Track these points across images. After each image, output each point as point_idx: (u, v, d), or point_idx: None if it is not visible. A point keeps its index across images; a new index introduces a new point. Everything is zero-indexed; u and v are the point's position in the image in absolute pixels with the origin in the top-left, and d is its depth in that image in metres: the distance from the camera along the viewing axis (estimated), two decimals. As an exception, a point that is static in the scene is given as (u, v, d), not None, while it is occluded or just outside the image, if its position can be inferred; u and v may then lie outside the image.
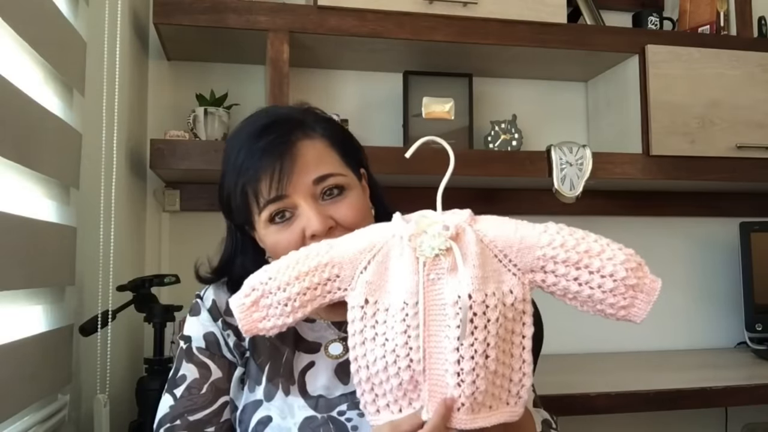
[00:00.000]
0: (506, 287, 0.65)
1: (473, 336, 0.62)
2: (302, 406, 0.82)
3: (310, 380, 0.84)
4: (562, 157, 1.58)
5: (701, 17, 1.83)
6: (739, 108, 1.67)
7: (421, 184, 1.68)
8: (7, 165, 0.91)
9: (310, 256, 0.69)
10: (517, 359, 0.66)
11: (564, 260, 0.65)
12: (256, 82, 1.71)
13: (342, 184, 0.82)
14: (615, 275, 0.63)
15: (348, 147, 0.87)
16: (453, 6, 1.53)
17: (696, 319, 1.96)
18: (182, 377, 0.85)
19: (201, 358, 0.86)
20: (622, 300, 0.64)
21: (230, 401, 0.85)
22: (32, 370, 0.98)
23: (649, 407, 1.40)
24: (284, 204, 0.79)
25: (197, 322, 0.88)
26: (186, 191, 1.64)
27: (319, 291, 0.68)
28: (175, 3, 1.42)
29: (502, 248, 0.66)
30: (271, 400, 0.83)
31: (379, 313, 0.66)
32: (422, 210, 0.70)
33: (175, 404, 0.83)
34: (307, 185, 0.80)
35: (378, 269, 0.67)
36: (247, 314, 0.69)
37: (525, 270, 0.66)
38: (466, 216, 0.67)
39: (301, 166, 0.80)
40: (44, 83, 1.07)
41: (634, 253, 0.65)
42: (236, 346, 0.87)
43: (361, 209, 0.83)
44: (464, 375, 0.62)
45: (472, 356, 0.62)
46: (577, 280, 0.65)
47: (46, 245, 1.04)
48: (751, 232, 1.85)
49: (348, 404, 0.82)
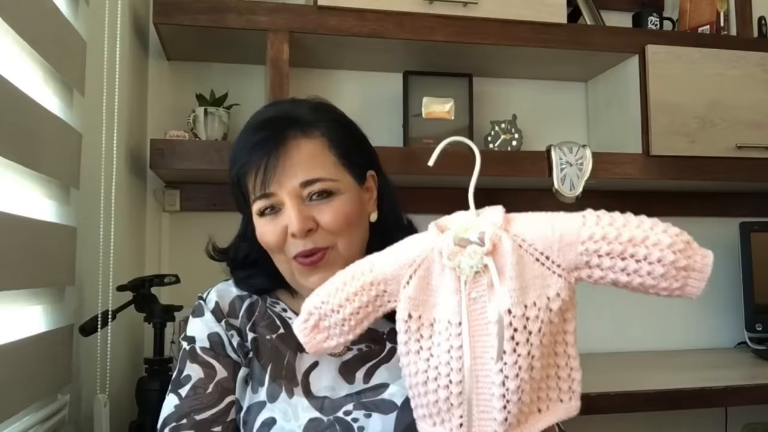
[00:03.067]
0: (552, 291, 0.62)
1: (516, 353, 0.61)
2: (306, 407, 0.81)
3: (315, 381, 0.84)
4: (562, 157, 1.58)
5: (701, 17, 1.83)
6: (739, 108, 1.67)
7: (421, 184, 1.68)
8: (7, 165, 0.91)
9: (355, 276, 0.69)
10: (562, 356, 0.64)
11: (608, 252, 0.62)
12: (256, 82, 1.71)
13: (330, 189, 0.81)
14: (663, 260, 0.61)
15: (352, 149, 0.86)
16: (453, 6, 1.53)
17: (696, 319, 1.96)
18: (187, 377, 0.84)
19: (205, 358, 0.86)
20: (675, 282, 0.62)
21: (236, 401, 0.85)
22: (32, 370, 0.98)
23: (649, 407, 1.40)
24: (271, 201, 0.81)
25: (201, 323, 0.88)
26: (186, 191, 1.64)
27: (371, 308, 0.69)
28: (175, 3, 1.42)
29: (543, 250, 0.63)
30: (274, 402, 0.82)
31: (423, 327, 0.66)
32: (455, 212, 0.69)
33: (181, 404, 0.83)
34: (294, 186, 0.80)
35: (420, 284, 0.66)
36: (311, 337, 0.71)
37: (569, 269, 0.63)
38: (500, 220, 0.65)
39: (289, 166, 0.80)
40: (44, 83, 1.07)
41: (680, 232, 0.63)
42: (240, 347, 0.87)
43: (347, 215, 0.82)
44: (510, 395, 0.61)
45: (517, 374, 0.61)
46: (624, 271, 0.62)
47: (46, 245, 1.04)
48: (751, 232, 1.85)
49: (354, 404, 0.81)
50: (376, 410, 0.80)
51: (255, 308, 0.90)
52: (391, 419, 0.80)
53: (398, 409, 0.80)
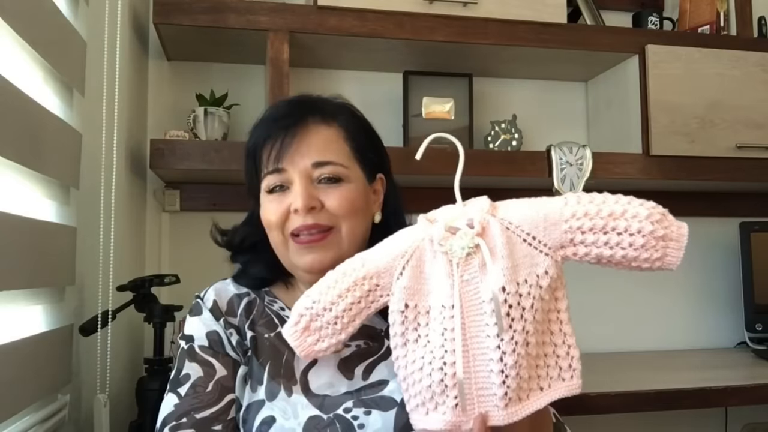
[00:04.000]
0: (541, 269, 0.66)
1: (512, 329, 0.64)
2: (306, 405, 0.81)
3: (314, 378, 0.84)
4: (562, 157, 1.58)
5: (701, 17, 1.83)
6: (739, 108, 1.67)
7: (422, 184, 1.68)
8: (7, 165, 0.91)
9: (346, 273, 0.71)
10: (558, 334, 0.67)
11: (591, 228, 0.66)
12: (256, 82, 1.71)
13: (340, 175, 0.84)
14: (642, 230, 0.65)
15: (367, 145, 0.89)
16: (453, 6, 1.53)
17: (696, 319, 1.96)
18: (186, 376, 0.84)
19: (205, 356, 0.85)
20: (655, 252, 0.65)
21: (236, 399, 0.85)
22: (32, 370, 0.98)
23: (649, 407, 1.40)
24: (281, 178, 0.83)
25: (199, 322, 0.88)
26: (186, 191, 1.64)
27: (363, 303, 0.70)
28: (175, 3, 1.42)
29: (529, 231, 0.67)
30: (273, 400, 0.82)
31: (420, 316, 0.68)
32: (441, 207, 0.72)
33: (180, 402, 0.82)
34: (306, 166, 0.83)
35: (413, 273, 0.68)
36: (302, 340, 0.71)
37: (555, 247, 0.66)
38: (487, 206, 0.69)
39: (304, 146, 0.83)
40: (44, 83, 1.07)
41: (655, 204, 0.67)
42: (239, 345, 0.87)
43: (353, 203, 0.84)
44: (508, 370, 0.63)
45: (514, 349, 0.63)
46: (607, 245, 0.66)
47: (46, 245, 1.04)
48: (751, 232, 1.85)
49: (354, 401, 0.81)
50: (376, 407, 0.81)
51: (253, 307, 0.90)
52: (390, 416, 0.80)
53: (397, 406, 0.80)
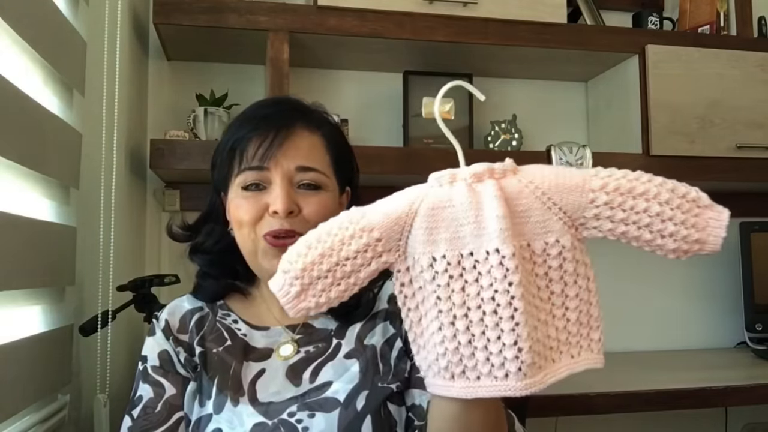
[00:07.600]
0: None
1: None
2: (251, 413, 0.81)
3: (261, 388, 0.84)
4: (562, 157, 1.58)
5: (701, 17, 1.83)
6: (739, 108, 1.67)
7: (421, 184, 1.68)
8: (7, 165, 0.91)
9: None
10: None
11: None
12: (256, 82, 1.71)
13: (320, 183, 0.84)
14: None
15: (343, 158, 0.89)
16: (453, 6, 1.53)
17: (696, 319, 1.96)
18: (139, 398, 0.86)
19: (155, 377, 0.86)
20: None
21: (185, 416, 0.85)
22: (32, 370, 0.98)
23: (649, 407, 1.40)
24: (261, 176, 0.82)
25: (153, 342, 0.90)
26: (186, 191, 1.64)
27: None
28: (175, 3, 1.42)
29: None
30: (220, 412, 0.82)
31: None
32: None
33: (133, 425, 0.84)
34: (290, 168, 0.82)
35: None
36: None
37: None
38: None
39: (292, 149, 0.83)
40: (44, 83, 1.07)
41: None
42: (188, 362, 0.87)
43: (328, 213, 0.79)
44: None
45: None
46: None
47: (46, 245, 1.04)
48: (751, 232, 1.85)
49: (298, 405, 0.81)
50: (320, 409, 0.80)
51: (204, 322, 0.91)
52: (334, 417, 0.79)
53: (341, 406, 0.80)
